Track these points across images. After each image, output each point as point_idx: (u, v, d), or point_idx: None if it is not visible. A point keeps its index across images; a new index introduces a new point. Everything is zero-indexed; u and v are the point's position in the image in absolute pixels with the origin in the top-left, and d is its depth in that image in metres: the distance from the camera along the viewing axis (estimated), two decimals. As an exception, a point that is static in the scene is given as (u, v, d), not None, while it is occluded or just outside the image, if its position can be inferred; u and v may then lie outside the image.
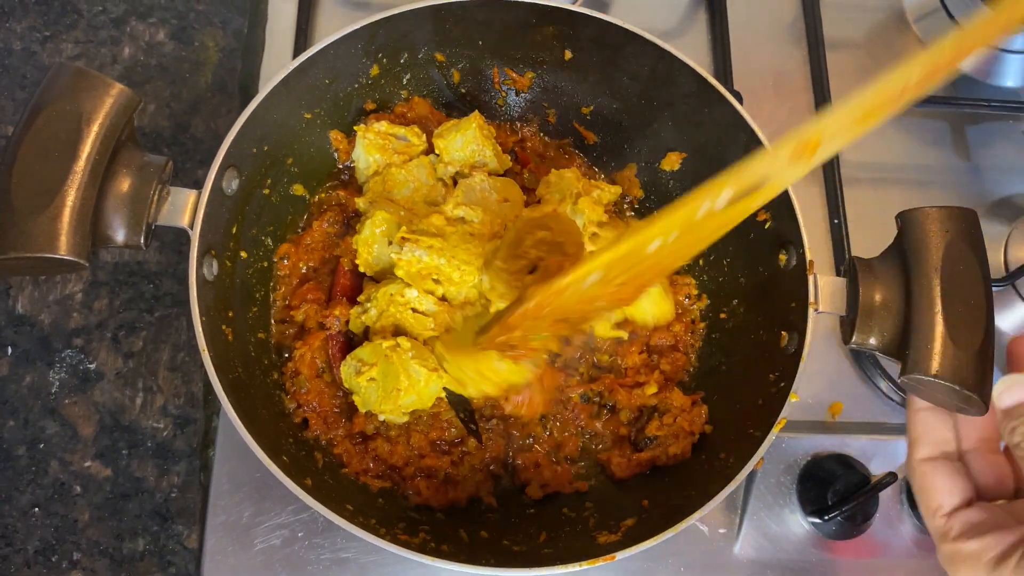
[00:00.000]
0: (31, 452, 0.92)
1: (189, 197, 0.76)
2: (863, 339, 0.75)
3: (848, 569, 0.95)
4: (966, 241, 0.73)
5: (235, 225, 0.85)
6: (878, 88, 0.52)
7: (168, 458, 0.94)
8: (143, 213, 0.72)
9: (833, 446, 0.97)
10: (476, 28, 0.95)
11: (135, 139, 0.75)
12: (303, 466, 0.80)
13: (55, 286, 0.98)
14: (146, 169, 0.73)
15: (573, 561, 0.73)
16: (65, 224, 0.66)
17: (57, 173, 0.67)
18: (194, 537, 0.92)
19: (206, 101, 1.09)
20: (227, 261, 0.84)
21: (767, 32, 1.20)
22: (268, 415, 0.83)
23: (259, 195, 0.89)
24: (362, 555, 0.90)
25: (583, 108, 1.02)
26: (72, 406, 0.94)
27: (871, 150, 1.15)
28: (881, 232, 1.04)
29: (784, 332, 0.83)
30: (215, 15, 1.13)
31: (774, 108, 1.16)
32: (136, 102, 0.73)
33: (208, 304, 0.77)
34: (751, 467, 0.76)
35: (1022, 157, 1.17)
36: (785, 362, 0.81)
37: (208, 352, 0.73)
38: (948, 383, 0.67)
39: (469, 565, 0.72)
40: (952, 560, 0.66)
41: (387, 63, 0.94)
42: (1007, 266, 1.04)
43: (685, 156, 0.98)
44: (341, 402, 0.88)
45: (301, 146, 0.93)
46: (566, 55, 0.97)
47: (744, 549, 0.94)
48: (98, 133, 0.69)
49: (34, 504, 0.91)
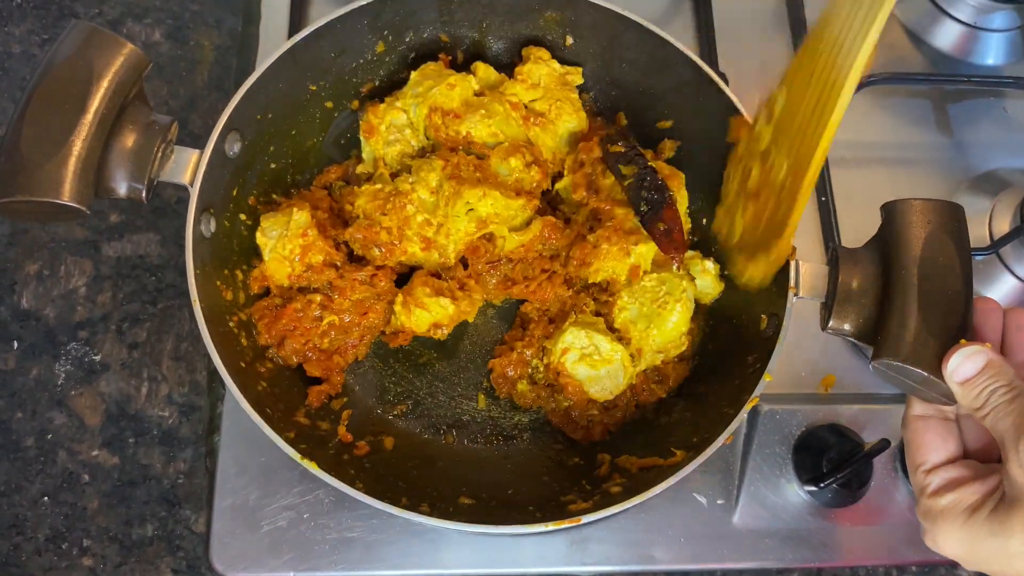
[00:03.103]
0: (39, 443, 0.94)
1: (192, 156, 0.79)
2: (838, 324, 0.76)
3: (845, 536, 0.96)
4: (948, 234, 0.73)
5: (236, 188, 0.87)
6: None
7: (174, 445, 0.95)
8: (146, 168, 0.75)
9: (826, 416, 0.99)
10: (480, 10, 0.98)
11: (144, 98, 0.78)
12: (313, 439, 0.83)
13: (59, 281, 1.00)
14: (152, 127, 0.76)
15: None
16: (70, 172, 0.69)
17: (66, 124, 0.70)
18: (201, 521, 0.94)
19: (202, 99, 1.11)
20: (226, 222, 0.86)
21: (751, 17, 1.22)
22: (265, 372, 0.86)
23: (261, 161, 0.91)
24: (368, 533, 0.91)
25: (584, 94, 1.04)
26: (79, 397, 0.96)
27: (855, 130, 1.17)
28: (867, 210, 1.07)
29: (764, 316, 0.85)
30: (210, 15, 1.15)
31: (759, 92, 1.18)
32: (146, 62, 0.75)
33: (204, 259, 0.80)
34: (720, 443, 0.78)
35: (1004, 133, 1.19)
36: (763, 345, 0.83)
37: (200, 304, 0.76)
38: (917, 369, 0.67)
39: (477, 524, 0.75)
40: (928, 515, 0.66)
41: (392, 40, 0.97)
42: (992, 237, 1.06)
43: (680, 144, 1.00)
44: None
45: (305, 117, 0.95)
46: (567, 41, 0.99)
47: (743, 519, 0.96)
48: (107, 88, 0.72)
49: (43, 493, 0.93)
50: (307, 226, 0.88)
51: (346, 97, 0.99)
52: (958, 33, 1.23)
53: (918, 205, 0.74)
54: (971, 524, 0.62)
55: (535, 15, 0.97)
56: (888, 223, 0.76)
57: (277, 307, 0.88)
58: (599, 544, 0.94)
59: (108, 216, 1.03)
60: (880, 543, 0.97)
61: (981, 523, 0.61)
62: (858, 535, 0.97)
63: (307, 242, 0.88)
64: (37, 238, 1.01)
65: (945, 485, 0.66)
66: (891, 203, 0.76)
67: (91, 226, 1.02)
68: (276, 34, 1.14)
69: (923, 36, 1.24)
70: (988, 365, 0.64)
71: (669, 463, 0.82)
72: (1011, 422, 0.60)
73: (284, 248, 0.87)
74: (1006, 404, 0.61)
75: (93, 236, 1.02)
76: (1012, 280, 1.05)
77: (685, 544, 0.95)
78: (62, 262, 1.01)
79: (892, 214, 0.75)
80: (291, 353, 0.88)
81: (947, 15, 1.24)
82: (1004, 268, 1.05)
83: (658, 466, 0.83)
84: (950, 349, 0.66)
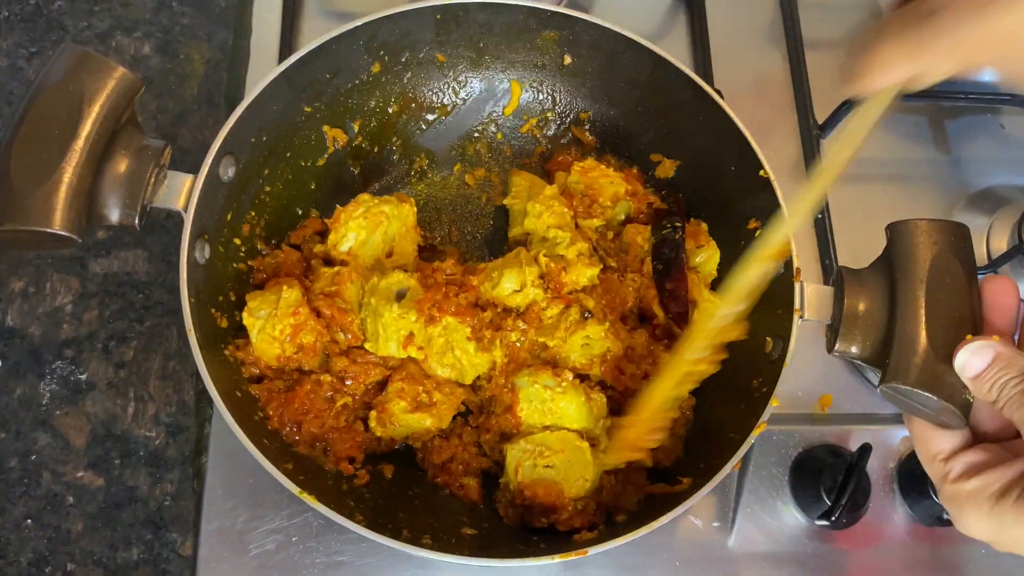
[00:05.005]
0: (23, 464, 0.92)
1: (185, 181, 0.77)
2: (845, 347, 0.75)
3: (843, 558, 0.95)
4: (955, 254, 0.72)
5: (230, 212, 0.85)
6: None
7: (161, 466, 0.94)
8: (139, 194, 0.73)
9: (823, 437, 0.97)
10: (477, 30, 0.96)
11: (136, 122, 0.76)
12: (312, 469, 0.81)
13: (44, 298, 0.98)
14: (144, 152, 0.74)
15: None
16: (61, 200, 0.68)
17: (56, 151, 0.69)
18: (188, 544, 0.92)
19: (192, 113, 1.10)
20: (220, 247, 0.84)
21: (747, 32, 1.22)
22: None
23: (256, 184, 0.89)
24: (357, 558, 0.90)
25: (582, 114, 1.03)
26: (64, 417, 0.94)
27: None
28: (864, 227, 1.06)
29: (769, 338, 0.84)
30: (200, 28, 1.14)
31: (755, 107, 1.17)
32: (138, 86, 0.74)
33: (198, 286, 0.78)
34: (728, 470, 0.76)
35: (1001, 149, 1.19)
36: (769, 368, 0.82)
37: (195, 333, 0.74)
38: (926, 393, 0.66)
39: (482, 558, 0.73)
40: (954, 500, 0.65)
41: (388, 61, 0.96)
42: (989, 255, 1.05)
43: (680, 163, 0.99)
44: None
45: (300, 139, 0.93)
46: (565, 60, 0.98)
47: (739, 542, 0.95)
48: (99, 114, 0.71)
49: (27, 516, 0.91)
50: (298, 304, 0.83)
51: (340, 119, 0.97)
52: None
53: (924, 225, 0.73)
54: (1000, 509, 0.62)
55: (533, 35, 0.96)
56: (893, 244, 0.74)
57: (284, 390, 0.84)
58: (595, 568, 0.92)
59: (95, 232, 1.02)
60: (878, 565, 0.96)
61: (1009, 508, 0.61)
62: (856, 558, 0.96)
63: (298, 321, 0.83)
64: (23, 254, 0.99)
65: (968, 470, 0.65)
66: (896, 223, 0.75)
67: (78, 242, 1.01)
68: (267, 49, 1.13)
69: (920, 52, 1.23)
70: (997, 358, 0.64)
71: (676, 490, 0.80)
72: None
73: (274, 328, 0.82)
74: (1020, 394, 0.61)
75: (80, 252, 1.00)
76: (1010, 299, 1.04)
77: (681, 568, 0.94)
78: (48, 279, 0.99)
79: (898, 235, 0.74)
80: (310, 439, 0.84)
81: (944, 31, 1.23)
82: (1002, 287, 1.03)
83: (665, 494, 0.82)
84: (957, 345, 0.66)
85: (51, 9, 1.12)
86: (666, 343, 0.91)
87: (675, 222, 0.92)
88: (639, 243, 0.94)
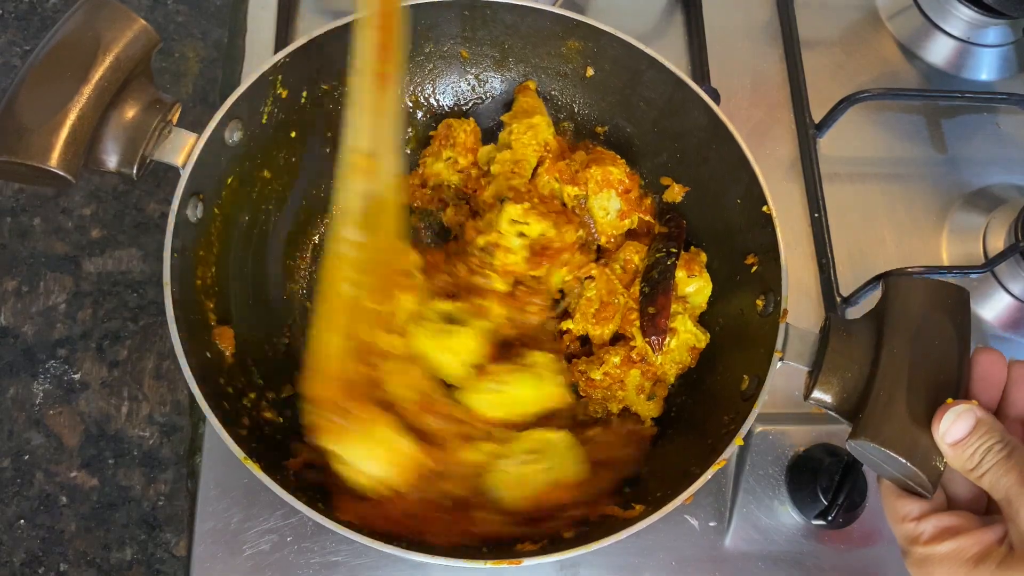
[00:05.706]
0: (16, 464, 0.92)
1: (189, 139, 0.77)
2: (821, 395, 0.72)
3: (838, 558, 0.95)
4: (950, 317, 0.70)
5: (231, 177, 0.84)
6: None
7: (155, 466, 0.93)
8: (140, 144, 0.73)
9: (820, 437, 0.97)
10: (503, 31, 0.96)
11: (150, 75, 0.77)
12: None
13: (38, 297, 0.98)
14: (153, 105, 0.74)
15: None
16: (61, 139, 0.69)
17: (65, 92, 0.69)
18: (182, 545, 0.92)
19: (188, 111, 1.09)
20: (215, 209, 0.83)
21: (743, 31, 1.21)
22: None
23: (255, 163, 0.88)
24: (352, 558, 0.89)
25: (598, 127, 1.02)
26: (57, 417, 0.94)
27: (848, 145, 1.16)
28: (860, 226, 1.06)
29: (746, 376, 0.83)
30: (194, 26, 1.14)
31: (751, 107, 1.17)
32: (156, 40, 0.75)
33: (185, 244, 0.78)
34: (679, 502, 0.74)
35: (997, 149, 1.18)
36: (741, 406, 0.80)
37: (170, 286, 0.74)
38: (894, 454, 0.64)
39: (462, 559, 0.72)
40: (925, 564, 0.63)
41: (411, 49, 0.95)
42: (986, 255, 1.05)
43: (688, 190, 0.98)
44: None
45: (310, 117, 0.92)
46: (588, 72, 0.98)
47: (735, 542, 0.94)
48: (112, 60, 0.71)
49: (19, 516, 0.91)
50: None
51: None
52: (951, 48, 1.23)
53: (920, 284, 0.71)
54: (980, 572, 0.60)
55: (558, 42, 0.96)
56: (887, 298, 0.72)
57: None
58: (589, 569, 0.92)
59: (89, 231, 1.01)
60: (875, 565, 0.96)
61: (993, 570, 0.59)
62: (853, 557, 0.95)
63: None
64: (16, 253, 0.99)
65: (940, 533, 0.63)
66: (893, 278, 0.73)
67: (72, 241, 1.00)
68: (262, 46, 1.12)
69: (916, 51, 1.23)
70: (978, 423, 0.62)
71: (626, 515, 0.80)
72: (1015, 478, 0.59)
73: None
74: (1004, 460, 0.60)
75: (74, 252, 1.00)
76: (1007, 298, 1.04)
77: (676, 567, 0.93)
78: (41, 278, 0.99)
79: (892, 289, 0.72)
80: None
81: (940, 30, 1.23)
82: (999, 286, 1.04)
83: (614, 516, 0.81)
84: (938, 410, 0.63)
85: (45, 7, 1.12)
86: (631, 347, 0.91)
87: (671, 247, 0.92)
88: (635, 261, 0.94)
